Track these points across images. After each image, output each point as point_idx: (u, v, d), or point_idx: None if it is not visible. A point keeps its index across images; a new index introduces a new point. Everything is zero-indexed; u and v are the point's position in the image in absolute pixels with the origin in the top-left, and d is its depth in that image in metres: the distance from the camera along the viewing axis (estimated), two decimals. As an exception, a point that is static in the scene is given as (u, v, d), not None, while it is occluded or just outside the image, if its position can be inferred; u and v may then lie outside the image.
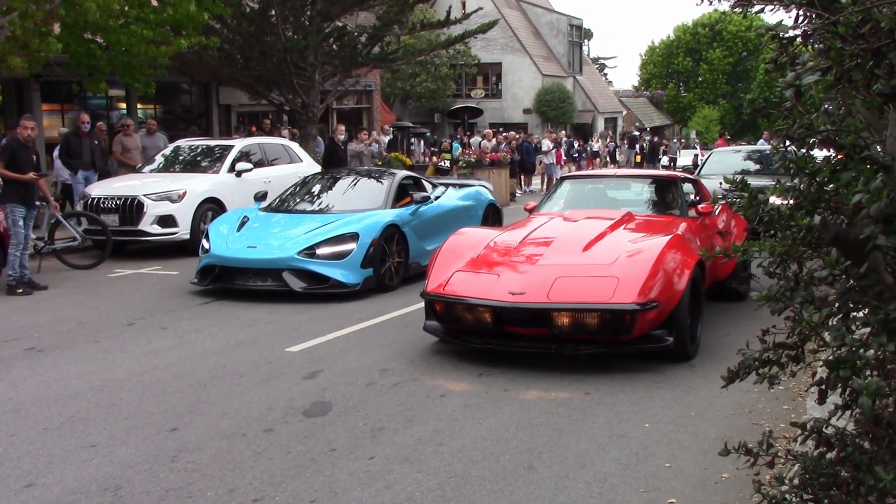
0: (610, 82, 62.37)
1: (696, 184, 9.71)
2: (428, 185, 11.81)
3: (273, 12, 19.24)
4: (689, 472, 4.63)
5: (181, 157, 14.51)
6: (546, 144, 28.42)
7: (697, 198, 9.28)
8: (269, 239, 9.76)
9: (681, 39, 58.54)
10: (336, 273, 9.33)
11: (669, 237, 7.06)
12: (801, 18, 2.54)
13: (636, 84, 63.28)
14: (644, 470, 4.66)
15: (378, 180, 11.24)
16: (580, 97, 44.80)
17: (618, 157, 36.04)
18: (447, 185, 12.60)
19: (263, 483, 4.52)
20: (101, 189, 13.18)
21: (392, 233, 10.01)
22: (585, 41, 54.92)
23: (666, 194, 8.91)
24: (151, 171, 14.17)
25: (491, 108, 41.49)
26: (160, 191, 12.84)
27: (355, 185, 11.26)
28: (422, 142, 25.71)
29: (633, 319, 6.30)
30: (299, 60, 19.51)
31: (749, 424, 5.33)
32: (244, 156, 14.29)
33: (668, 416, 5.52)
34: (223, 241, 9.90)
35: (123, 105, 20.89)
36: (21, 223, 9.89)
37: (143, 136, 16.06)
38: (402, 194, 11.03)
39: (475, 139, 27.15)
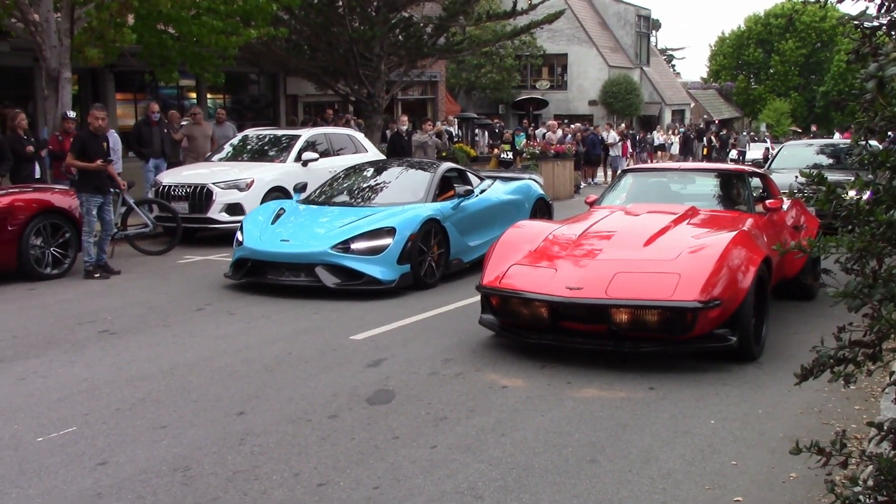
0: (678, 74, 61.49)
1: (765, 178, 9.38)
2: (474, 179, 11.35)
3: (340, 3, 19.41)
4: (755, 470, 4.55)
5: (249, 147, 14.73)
6: (612, 137, 28.13)
7: (765, 193, 9.05)
8: (302, 232, 9.44)
9: (752, 30, 57.36)
10: (371, 269, 8.98)
11: (735, 233, 6.86)
12: (884, 7, 2.47)
13: (705, 76, 62.23)
14: (709, 467, 4.59)
15: (420, 173, 10.85)
16: (647, 89, 44.25)
17: (675, 151, 35.43)
18: (495, 179, 12.12)
19: (328, 468, 4.58)
20: (171, 177, 13.46)
21: (432, 227, 9.61)
22: (653, 32, 54.20)
23: (732, 189, 8.69)
24: (220, 159, 14.41)
25: (556, 100, 41.23)
26: (228, 179, 13.06)
27: (397, 177, 10.91)
28: (486, 133, 25.65)
29: (695, 318, 6.12)
30: (365, 51, 19.64)
31: (818, 424, 5.21)
32: (310, 145, 14.44)
33: (734, 414, 5.43)
34: (257, 234, 9.61)
35: (193, 95, 21.30)
36: (94, 212, 10.16)
37: (212, 126, 16.33)
38: (446, 187, 10.66)
39: (540, 131, 26.98)
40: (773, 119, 52.64)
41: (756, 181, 9.22)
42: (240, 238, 9.70)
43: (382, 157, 16.00)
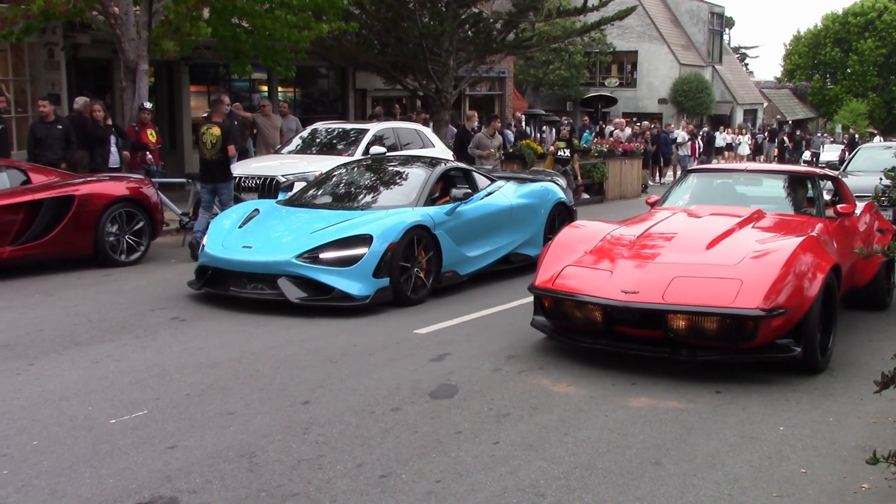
0: (751, 73, 60.23)
1: (837, 181, 8.93)
2: (482, 180, 10.10)
3: (411, -2, 19.50)
4: (825, 479, 4.45)
5: (318, 140, 14.89)
6: (681, 136, 27.72)
7: (837, 197, 8.66)
8: (269, 238, 8.37)
9: (829, 29, 55.83)
10: (341, 282, 7.91)
11: (802, 238, 6.54)
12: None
13: (779, 75, 60.83)
14: (777, 474, 4.50)
15: (415, 172, 9.62)
16: (718, 87, 43.46)
17: (744, 151, 34.66)
18: (511, 180, 10.84)
19: (390, 460, 4.62)
20: (241, 168, 13.67)
21: (419, 236, 8.48)
22: (726, 30, 53.21)
23: (802, 192, 8.29)
24: (289, 152, 14.60)
25: (625, 98, 40.75)
26: (297, 171, 13.21)
27: (389, 177, 9.77)
28: (553, 130, 25.50)
29: (757, 326, 5.86)
30: (435, 46, 19.69)
31: (893, 434, 5.07)
32: (378, 140, 14.52)
33: (803, 421, 5.31)
34: (220, 239, 8.57)
35: (265, 88, 21.62)
36: (210, 196, 11.00)
37: (260, 118, 16.46)
38: (448, 189, 9.55)
39: (608, 128, 26.74)
40: (849, 120, 51.17)
41: (827, 184, 8.90)
42: (204, 242, 8.81)
43: (449, 153, 16.04)
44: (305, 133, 15.31)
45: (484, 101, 28.90)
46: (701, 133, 26.87)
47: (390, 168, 9.99)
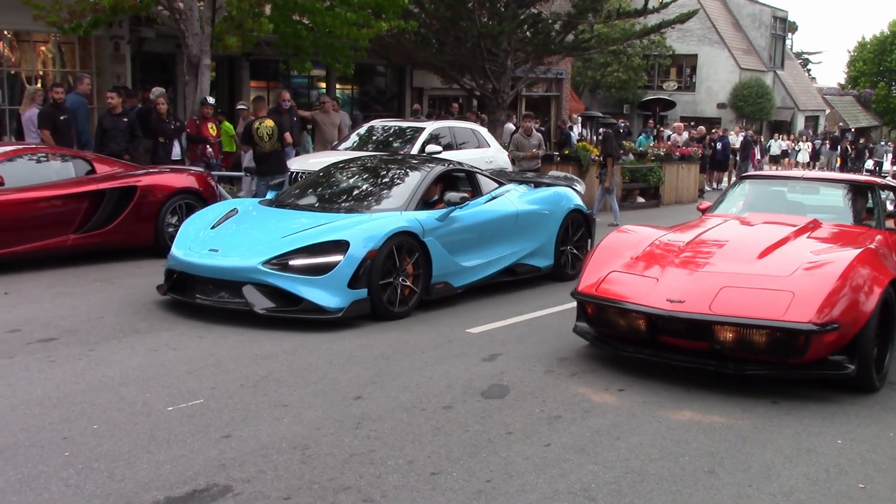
0: (813, 78, 59.10)
1: None
2: (489, 183, 9.34)
3: (471, -2, 19.51)
4: (885, 496, 4.35)
5: (374, 137, 14.97)
6: (739, 141, 27.30)
7: None
8: (238, 241, 7.73)
9: (896, 35, 54.52)
10: (311, 292, 7.21)
11: (860, 250, 6.28)
12: None
13: (842, 82, 59.58)
14: (834, 488, 4.41)
15: (410, 173, 8.87)
16: (780, 93, 42.74)
17: (803, 158, 33.95)
18: (524, 184, 10.08)
19: (441, 458, 4.63)
20: (299, 164, 13.80)
21: (405, 243, 7.75)
22: (789, 34, 52.23)
23: (861, 202, 8.01)
24: (346, 148, 14.70)
25: (683, 101, 40.29)
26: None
27: (382, 178, 9.03)
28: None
29: (808, 341, 5.62)
30: (493, 46, 19.67)
31: (956, 452, 4.93)
32: (434, 138, 14.54)
33: (862, 435, 5.20)
34: (189, 240, 7.97)
35: (323, 84, 21.82)
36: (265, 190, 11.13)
37: (319, 114, 16.57)
38: (449, 191, 8.90)
39: (665, 132, 26.45)
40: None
41: (889, 195, 8.61)
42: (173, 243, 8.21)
43: (505, 152, 16.03)
44: (362, 130, 15.41)
45: (540, 102, 28.80)
46: (742, 138, 26.11)
47: (387, 168, 9.24)
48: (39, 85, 15.22)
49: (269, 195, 9.35)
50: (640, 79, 39.01)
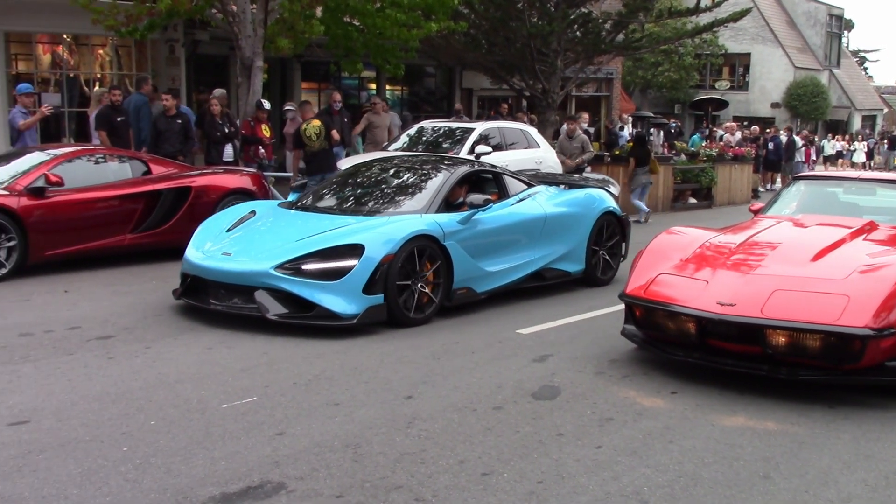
0: (870, 77, 57.86)
1: None
2: (517, 185, 9.03)
3: (520, -2, 19.49)
4: (947, 503, 4.25)
5: (424, 138, 15.02)
6: (795, 141, 26.84)
7: None
8: (253, 245, 7.56)
9: (958, 32, 53.13)
10: (324, 298, 6.99)
11: None
12: None
13: (901, 80, 58.18)
14: (895, 495, 4.32)
15: (433, 175, 8.52)
16: (835, 92, 41.93)
17: (859, 159, 33.19)
18: (556, 185, 9.74)
19: (492, 458, 4.63)
20: (349, 164, 13.91)
21: (424, 247, 7.48)
22: (845, 32, 51.19)
23: None
24: (396, 149, 14.77)
25: (736, 101, 39.74)
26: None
27: (407, 179, 8.69)
28: (661, 132, 25.07)
29: (864, 346, 5.46)
30: (542, 46, 19.61)
31: None
32: (483, 139, 14.55)
33: (924, 441, 5.08)
34: (203, 243, 7.84)
35: (373, 86, 21.96)
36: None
37: (371, 115, 16.62)
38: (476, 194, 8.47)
39: (718, 132, 26.12)
40: (977, 128, 48.58)
41: None
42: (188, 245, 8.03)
43: (553, 152, 15.96)
44: (412, 131, 15.47)
45: (590, 102, 28.63)
46: (786, 138, 25.50)
47: (410, 169, 8.88)
48: (106, 88, 15.50)
49: (291, 197, 9.22)
50: (691, 78, 38.56)
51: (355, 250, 7.12)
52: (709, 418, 5.36)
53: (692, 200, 19.42)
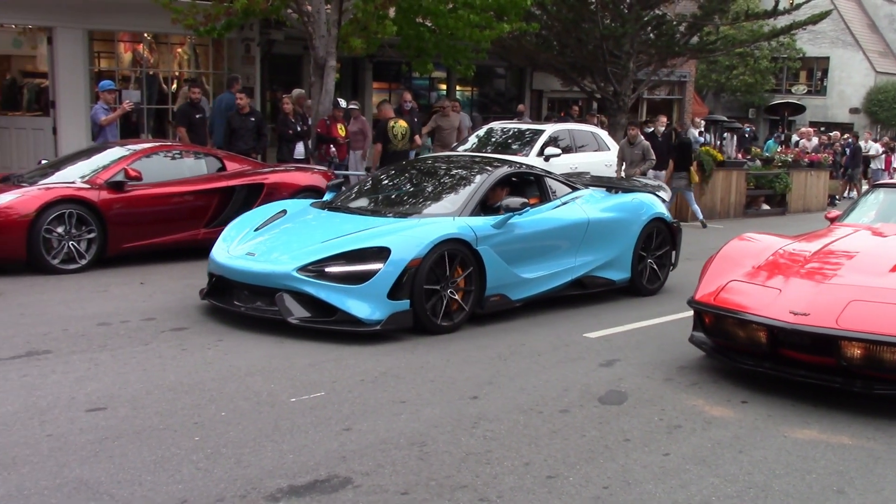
0: (956, 83, 55.76)
1: None
2: (560, 188, 8.71)
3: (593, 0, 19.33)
4: None
5: (493, 139, 15.03)
6: (875, 148, 26.10)
7: None
8: (279, 245, 7.36)
9: None
10: (347, 302, 6.75)
11: None
12: None
13: None
14: (976, 515, 4.18)
15: (470, 177, 8.22)
16: (919, 98, 40.56)
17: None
18: (603, 189, 9.35)
19: (557, 462, 4.61)
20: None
21: (455, 251, 7.19)
22: (931, 36, 49.49)
23: None
24: (465, 150, 14.80)
25: (813, 106, 38.76)
26: (472, 169, 13.35)
27: (440, 181, 8.44)
28: (734, 137, 24.62)
29: None
30: (615, 48, 19.43)
31: None
32: (553, 141, 14.51)
33: None
34: (231, 242, 7.67)
35: (444, 86, 22.03)
36: None
37: (439, 117, 16.66)
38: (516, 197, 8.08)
39: (794, 137, 25.54)
40: None
41: None
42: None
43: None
44: (481, 132, 15.49)
45: (662, 106, 28.26)
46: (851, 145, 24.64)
47: (448, 170, 8.59)
48: (187, 87, 15.85)
49: (327, 196, 8.99)
50: (767, 82, 37.79)
51: (381, 253, 6.87)
52: (780, 429, 5.25)
53: (765, 207, 19.04)
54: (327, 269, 6.86)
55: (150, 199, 9.64)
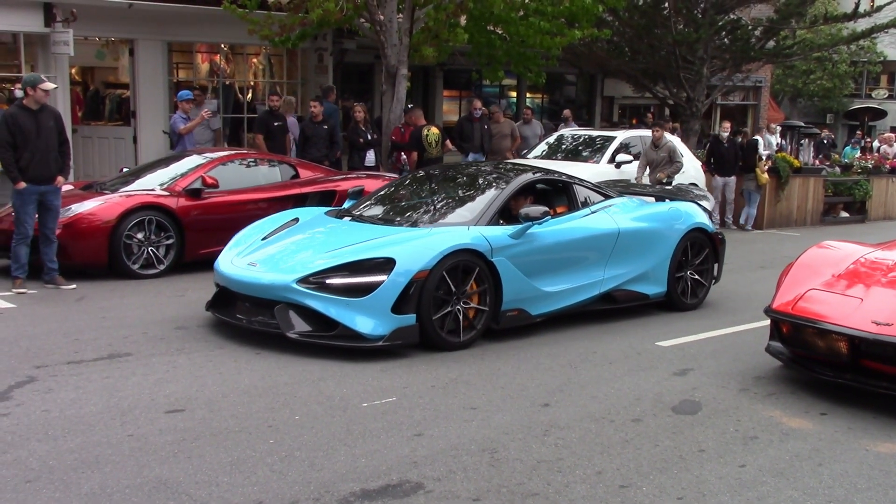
0: None
1: None
2: (591, 196, 8.24)
3: (666, 4, 19.12)
4: None
5: (563, 146, 14.95)
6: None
7: None
8: (284, 255, 7.03)
9: None
10: (349, 316, 6.38)
11: None
12: None
13: None
14: None
15: (491, 184, 7.79)
16: None
17: None
18: (639, 196, 8.89)
19: (630, 471, 4.56)
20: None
21: (468, 263, 6.77)
22: None
23: None
24: (535, 157, 14.75)
25: (894, 111, 37.64)
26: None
27: (461, 188, 8.03)
28: (811, 143, 23.99)
29: None
30: (688, 54, 19.18)
31: None
32: (624, 147, 14.37)
33: None
34: (236, 250, 7.42)
35: (514, 94, 22.01)
36: None
37: (520, 125, 16.60)
38: (543, 205, 7.61)
39: (875, 143, 24.80)
40: None
41: None
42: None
43: (697, 162, 15.59)
44: (552, 139, 15.43)
45: (736, 111, 27.76)
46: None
47: (468, 177, 8.22)
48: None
49: (347, 204, 8.50)
50: (846, 87, 36.83)
51: (386, 265, 6.47)
52: (861, 443, 5.10)
53: (844, 214, 18.53)
54: (328, 281, 6.49)
55: (226, 205, 9.85)
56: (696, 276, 8.68)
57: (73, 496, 4.04)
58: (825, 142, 25.65)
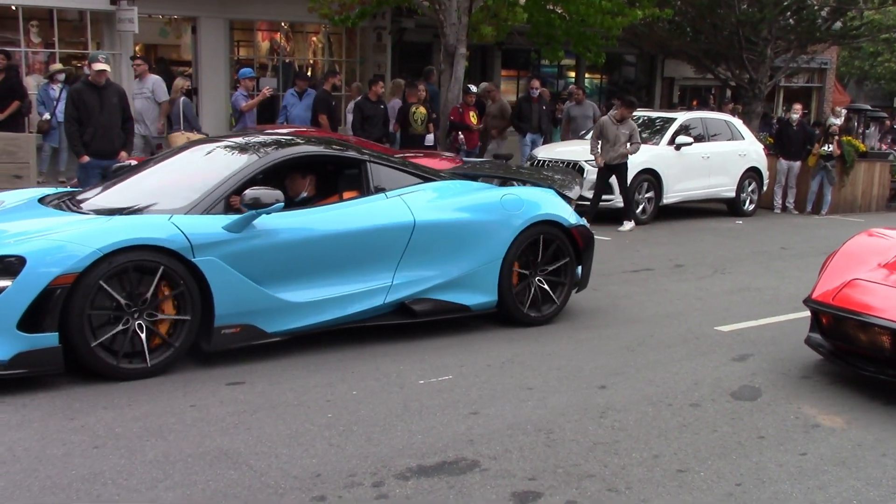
0: None
1: None
2: (395, 178, 6.50)
3: (730, -16, 18.73)
4: None
5: (622, 127, 14.76)
6: None
7: None
8: None
9: None
10: None
11: None
12: None
13: None
14: None
15: (238, 160, 6.06)
16: None
17: None
18: (488, 180, 7.47)
19: (688, 456, 4.52)
20: (546, 152, 13.92)
21: (154, 264, 5.19)
22: None
23: None
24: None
25: (966, 95, 36.43)
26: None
27: (204, 166, 6.25)
28: (878, 128, 23.40)
29: None
30: (752, 34, 18.79)
31: None
32: (684, 129, 14.17)
33: None
34: None
35: (572, 74, 21.82)
36: None
37: (571, 106, 16.42)
38: (329, 186, 6.43)
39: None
40: None
41: None
42: None
43: (760, 145, 15.32)
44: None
45: (800, 93, 27.15)
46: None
47: (226, 152, 6.31)
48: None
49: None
50: (915, 70, 35.71)
51: (16, 265, 4.91)
52: (928, 434, 4.99)
53: (898, 202, 18.08)
54: None
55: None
56: (548, 282, 7.00)
57: (137, 462, 4.14)
58: (894, 126, 24.98)
